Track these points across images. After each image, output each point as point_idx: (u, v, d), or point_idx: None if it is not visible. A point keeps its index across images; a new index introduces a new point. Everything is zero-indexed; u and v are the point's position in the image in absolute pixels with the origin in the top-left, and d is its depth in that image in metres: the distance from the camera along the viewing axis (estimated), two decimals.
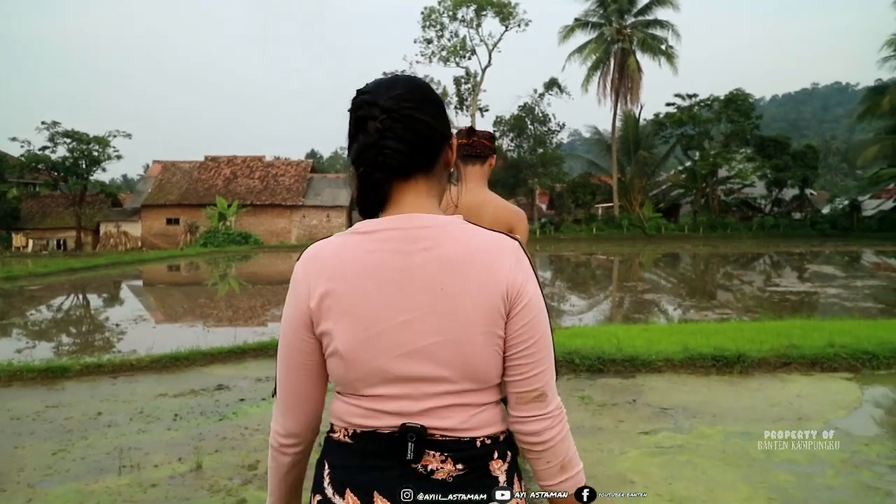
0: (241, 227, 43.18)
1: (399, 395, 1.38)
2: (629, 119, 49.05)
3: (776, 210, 50.02)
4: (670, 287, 19.89)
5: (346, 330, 1.38)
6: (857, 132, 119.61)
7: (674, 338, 8.68)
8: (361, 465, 1.40)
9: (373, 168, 1.39)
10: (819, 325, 9.72)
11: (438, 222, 1.40)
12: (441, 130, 1.45)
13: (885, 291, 17.03)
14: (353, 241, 1.41)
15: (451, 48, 45.22)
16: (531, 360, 1.41)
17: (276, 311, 14.77)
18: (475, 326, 1.36)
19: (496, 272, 1.38)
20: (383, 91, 1.40)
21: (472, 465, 1.39)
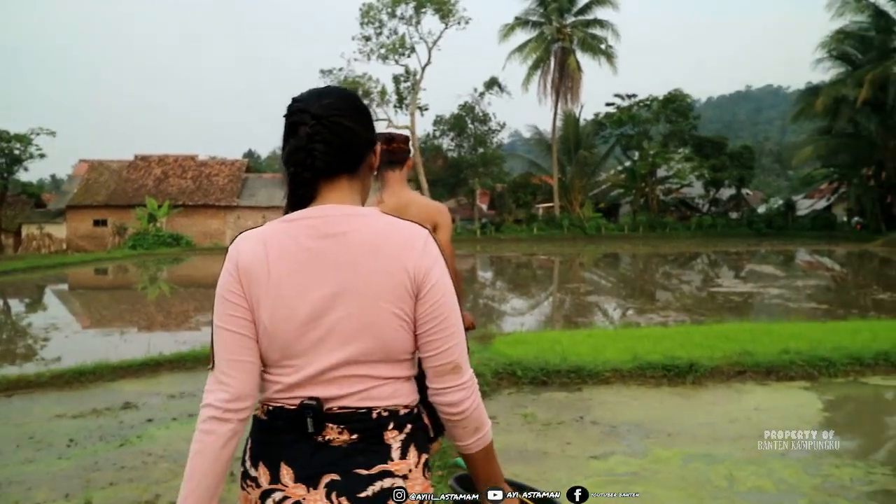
0: (173, 228, 41.68)
1: (307, 368, 1.51)
2: (569, 119, 48.94)
3: (713, 210, 50.58)
4: (613, 288, 19.53)
5: (266, 306, 1.51)
6: (789, 133, 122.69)
7: (620, 344, 8.17)
8: (272, 440, 1.54)
9: (302, 168, 1.54)
10: (768, 328, 9.31)
11: (356, 212, 1.56)
12: (366, 136, 1.61)
13: (824, 292, 16.93)
14: (279, 228, 1.56)
15: (390, 46, 44.36)
16: (443, 335, 1.54)
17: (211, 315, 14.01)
18: (383, 304, 1.50)
19: (405, 255, 1.51)
20: (315, 100, 1.56)
21: (366, 434, 1.51)
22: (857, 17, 39.70)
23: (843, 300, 15.21)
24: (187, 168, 45.82)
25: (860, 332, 8.68)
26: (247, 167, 47.45)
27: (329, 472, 1.50)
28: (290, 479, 1.51)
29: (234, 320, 1.54)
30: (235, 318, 1.54)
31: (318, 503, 1.49)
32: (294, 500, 1.50)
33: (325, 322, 1.49)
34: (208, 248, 40.45)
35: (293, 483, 1.50)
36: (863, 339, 8.03)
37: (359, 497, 1.49)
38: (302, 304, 1.49)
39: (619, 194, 52.33)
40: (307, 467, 1.50)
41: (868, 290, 16.94)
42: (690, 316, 12.56)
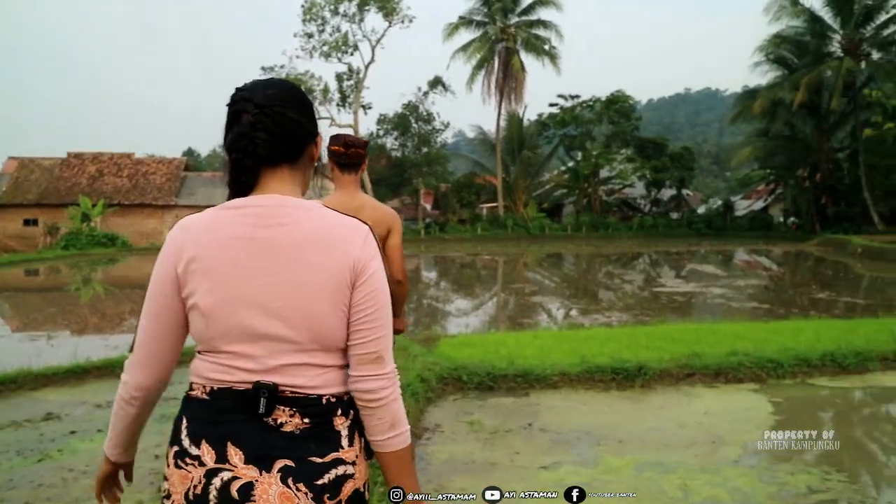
0: (108, 228, 40.37)
1: (253, 353, 1.53)
2: (513, 119, 49.00)
3: (655, 210, 51.23)
4: (557, 288, 19.48)
5: (207, 291, 1.54)
6: (727, 136, 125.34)
7: (566, 346, 8.02)
8: (216, 419, 1.53)
9: (243, 155, 1.58)
10: (714, 328, 9.27)
11: (298, 204, 1.59)
12: (307, 128, 1.65)
13: (765, 291, 17.11)
14: (220, 215, 1.59)
15: (333, 43, 43.73)
16: (372, 325, 1.59)
17: None
18: (324, 295, 1.54)
19: (346, 248, 1.56)
20: (259, 90, 1.60)
21: (316, 419, 1.55)
22: (793, 22, 40.62)
23: (784, 299, 15.39)
24: (123, 166, 44.48)
25: (803, 331, 8.69)
26: (185, 165, 46.26)
27: (282, 456, 1.52)
28: (239, 459, 1.51)
29: (163, 308, 1.60)
30: (165, 307, 1.60)
31: (273, 486, 1.50)
32: (245, 481, 1.50)
33: (267, 310, 1.53)
34: (145, 249, 39.30)
35: (243, 464, 1.51)
36: (807, 340, 8.02)
37: (316, 484, 1.53)
38: (244, 292, 1.53)
39: (563, 195, 52.61)
40: (258, 449, 1.51)
41: (806, 290, 17.19)
42: (635, 316, 12.50)
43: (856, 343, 7.47)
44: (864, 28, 39.02)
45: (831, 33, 40.11)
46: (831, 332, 8.52)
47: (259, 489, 1.50)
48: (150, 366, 1.63)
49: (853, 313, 12.03)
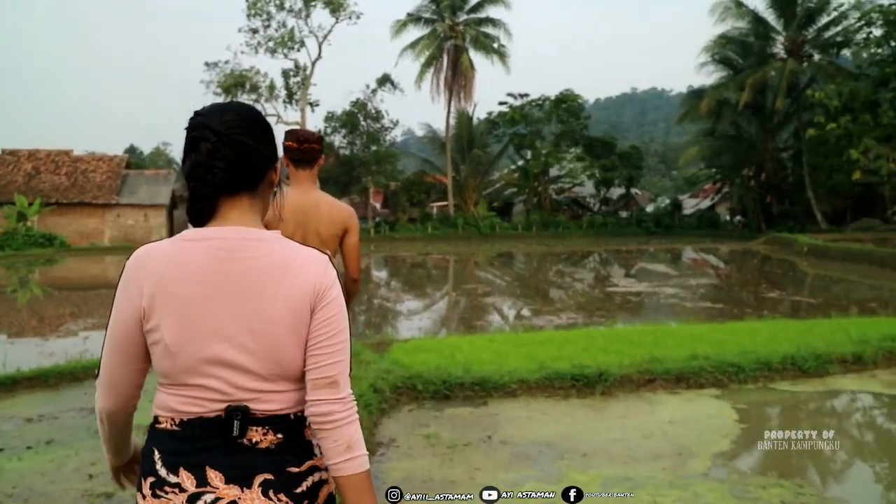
0: (46, 227, 39.02)
1: (219, 386, 1.54)
2: (463, 117, 48.80)
3: (604, 209, 51.58)
4: (510, 289, 19.29)
5: (172, 326, 1.53)
6: (673, 135, 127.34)
7: (523, 350, 7.78)
8: (191, 448, 1.55)
9: (202, 184, 1.57)
10: (671, 330, 9.14)
11: (260, 236, 1.60)
12: (266, 154, 1.64)
13: (717, 290, 17.16)
14: (182, 248, 1.57)
15: (279, 39, 42.93)
16: (329, 350, 1.59)
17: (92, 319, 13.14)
18: (285, 326, 1.56)
19: (306, 278, 1.58)
20: (217, 115, 1.58)
21: (288, 434, 1.60)
22: (738, 23, 41.22)
23: (736, 299, 15.41)
24: (61, 164, 43.00)
25: (759, 332, 8.60)
26: (127, 163, 44.96)
27: (261, 471, 1.56)
28: (220, 481, 1.55)
29: (125, 343, 1.59)
30: (126, 343, 1.59)
31: (256, 501, 1.55)
32: (228, 501, 1.54)
33: (234, 344, 1.55)
34: (85, 249, 38.12)
35: (224, 485, 1.55)
36: (763, 341, 7.93)
37: (295, 493, 1.59)
38: (210, 326, 1.54)
39: (513, 193, 52.63)
40: (237, 470, 1.55)
41: (756, 289, 17.29)
42: (590, 316, 12.36)
43: (814, 345, 7.38)
44: (806, 30, 39.76)
45: (775, 34, 40.81)
46: (787, 333, 8.45)
47: None
48: (114, 394, 1.65)
49: (805, 313, 12.05)
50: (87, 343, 10.76)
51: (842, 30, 38.61)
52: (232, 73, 43.22)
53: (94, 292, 20.34)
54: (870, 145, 32.32)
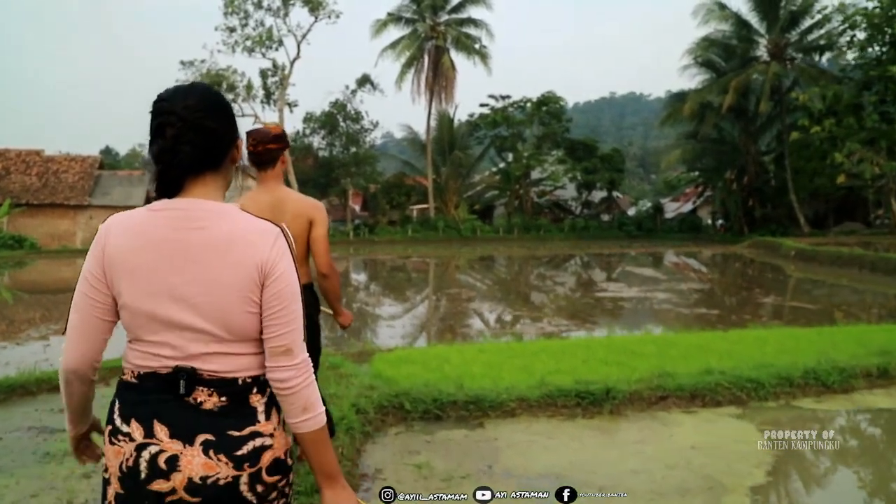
0: (15, 229, 37.91)
1: (173, 342, 1.67)
2: (444, 119, 48.15)
3: (586, 212, 51.15)
4: (496, 294, 18.66)
5: (129, 287, 1.67)
6: (651, 139, 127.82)
7: (518, 362, 7.14)
8: (144, 400, 1.68)
9: (169, 167, 1.69)
10: (673, 339, 8.55)
11: (216, 208, 1.71)
12: (229, 135, 1.77)
13: (709, 296, 16.61)
14: (144, 216, 1.71)
15: (257, 38, 42.04)
16: (280, 321, 1.70)
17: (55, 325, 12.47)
18: (234, 291, 1.67)
19: (255, 250, 1.68)
20: (180, 99, 1.69)
21: (233, 398, 1.70)
22: (721, 26, 40.99)
23: (731, 305, 14.86)
24: (32, 164, 41.83)
25: (767, 342, 8.06)
26: (100, 164, 43.84)
27: (203, 431, 1.66)
28: (164, 435, 1.66)
29: (89, 301, 1.73)
30: (91, 300, 1.73)
31: (196, 458, 1.65)
32: (171, 454, 1.65)
33: (184, 305, 1.67)
34: (56, 251, 37.04)
35: (168, 439, 1.66)
36: (773, 351, 7.40)
37: (235, 455, 1.67)
38: (162, 287, 1.67)
39: (494, 196, 52.04)
40: (181, 427, 1.66)
41: (751, 294, 16.75)
42: (582, 323, 11.78)
43: (834, 357, 6.80)
44: (789, 33, 39.59)
45: (758, 37, 40.61)
46: (799, 343, 7.90)
47: (184, 460, 1.65)
48: (77, 350, 1.75)
49: (807, 319, 11.51)
50: (47, 351, 10.08)
51: (825, 33, 38.45)
52: (208, 72, 42.28)
53: (64, 295, 19.53)
54: (854, 149, 32.09)
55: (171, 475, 1.65)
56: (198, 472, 1.65)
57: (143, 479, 1.67)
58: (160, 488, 1.66)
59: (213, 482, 1.66)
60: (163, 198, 1.72)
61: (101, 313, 1.73)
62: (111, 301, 1.72)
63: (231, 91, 42.42)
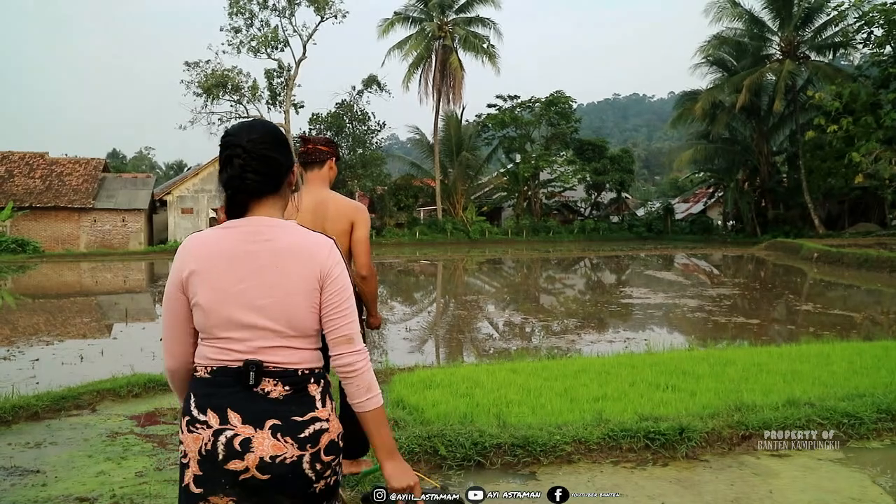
0: (18, 232, 37.33)
1: (242, 338, 1.94)
2: (451, 120, 47.45)
3: (595, 213, 50.40)
4: (513, 300, 17.91)
5: (205, 292, 1.95)
6: (655, 140, 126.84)
7: (557, 385, 6.41)
8: (217, 392, 1.92)
9: (236, 192, 1.99)
10: (725, 356, 7.80)
11: (278, 224, 2.01)
12: (286, 163, 2.06)
13: (743, 302, 15.80)
14: (220, 233, 2.01)
15: (262, 38, 41.43)
16: (339, 315, 1.99)
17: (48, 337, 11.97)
18: (297, 294, 1.96)
19: (314, 258, 1.98)
20: (244, 134, 1.99)
21: (295, 387, 1.95)
22: (733, 24, 40.27)
23: (768, 313, 14.05)
24: (35, 166, 41.29)
25: (832, 359, 7.34)
26: (104, 166, 43.23)
27: (271, 417, 1.90)
28: (238, 421, 1.89)
29: (174, 310, 2.04)
30: (175, 309, 2.03)
31: (266, 440, 1.88)
32: (244, 437, 1.88)
33: (253, 304, 1.94)
34: (59, 255, 36.41)
35: (241, 424, 1.89)
36: (843, 371, 6.70)
37: (299, 437, 1.91)
38: (235, 292, 1.94)
39: (502, 197, 51.30)
40: (252, 413, 1.89)
41: (785, 300, 15.95)
42: (615, 335, 11.05)
43: None
44: (803, 30, 38.85)
45: (770, 35, 39.90)
46: (864, 360, 7.19)
47: (255, 442, 1.88)
48: (173, 355, 2.09)
49: (858, 331, 10.76)
50: (35, 368, 9.38)
51: (840, 30, 37.70)
52: (213, 73, 41.66)
53: (70, 300, 18.87)
54: (872, 148, 31.34)
55: (245, 455, 1.87)
56: (268, 453, 1.88)
57: (221, 460, 1.88)
58: (235, 467, 1.88)
59: (280, 461, 1.88)
60: (231, 218, 2.01)
61: (185, 316, 2.02)
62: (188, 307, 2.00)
63: (236, 92, 41.82)
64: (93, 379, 7.52)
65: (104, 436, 5.63)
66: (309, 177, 3.74)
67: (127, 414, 6.37)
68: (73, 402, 6.74)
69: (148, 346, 11.30)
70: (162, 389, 7.11)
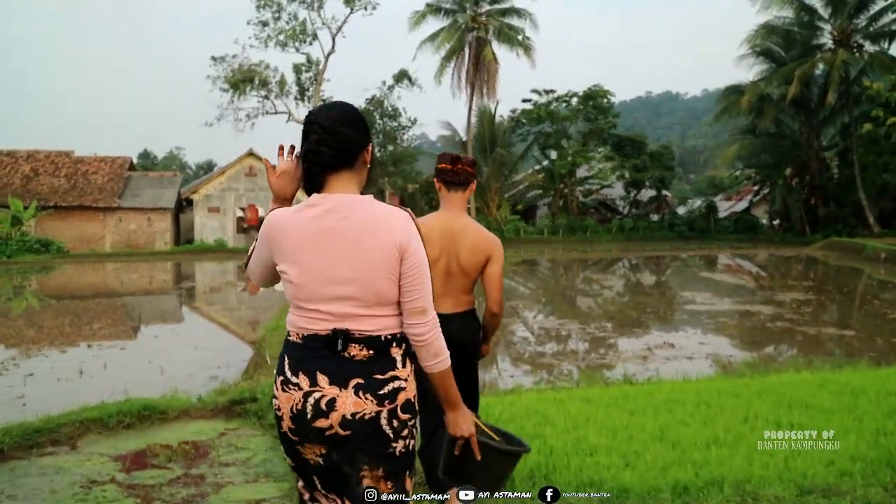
0: (44, 232, 36.52)
1: (329, 309, 2.11)
2: (485, 115, 45.84)
3: (634, 212, 48.62)
4: (560, 305, 16.48)
5: (293, 268, 2.14)
6: (688, 138, 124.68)
7: (648, 423, 5.11)
8: (309, 356, 2.13)
9: (312, 164, 2.17)
10: (853, 383, 6.36)
11: (356, 199, 2.16)
12: (360, 141, 2.20)
13: (823, 310, 14.05)
14: (300, 210, 2.17)
15: (290, 32, 40.25)
16: (415, 287, 2.12)
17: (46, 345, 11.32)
18: (378, 266, 2.09)
19: (392, 232, 2.10)
20: (324, 113, 2.19)
21: (378, 350, 2.12)
22: (782, 12, 38.39)
23: (861, 323, 12.17)
24: (61, 165, 40.48)
25: None
26: (130, 164, 42.35)
27: (355, 377, 2.09)
28: (325, 382, 2.10)
29: (262, 262, 2.29)
30: (263, 263, 2.28)
31: (349, 398, 2.08)
32: (330, 397, 2.09)
33: (338, 278, 2.11)
34: (84, 255, 35.59)
35: (328, 385, 2.10)
36: None
37: (378, 394, 2.09)
38: (320, 265, 2.12)
39: (537, 195, 49.62)
40: (338, 374, 2.10)
41: (871, 307, 14.16)
42: (687, 344, 9.58)
43: None
44: (856, 18, 36.89)
45: (822, 24, 37.94)
46: None
47: (339, 401, 2.09)
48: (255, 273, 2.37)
49: None
50: (27, 385, 8.31)
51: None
52: (240, 67, 40.64)
53: (93, 301, 17.85)
54: None
55: (330, 414, 2.09)
56: (349, 410, 2.08)
57: (309, 419, 2.11)
58: (321, 425, 2.10)
59: (360, 417, 2.08)
60: (310, 191, 2.21)
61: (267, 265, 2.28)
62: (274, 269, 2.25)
63: (263, 87, 40.75)
64: (87, 400, 6.44)
65: (78, 485, 4.50)
66: (450, 198, 3.56)
67: (112, 453, 5.22)
68: (49, 436, 5.62)
69: (157, 358, 10.17)
70: (159, 419, 6.06)
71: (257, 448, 5.40)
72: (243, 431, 5.82)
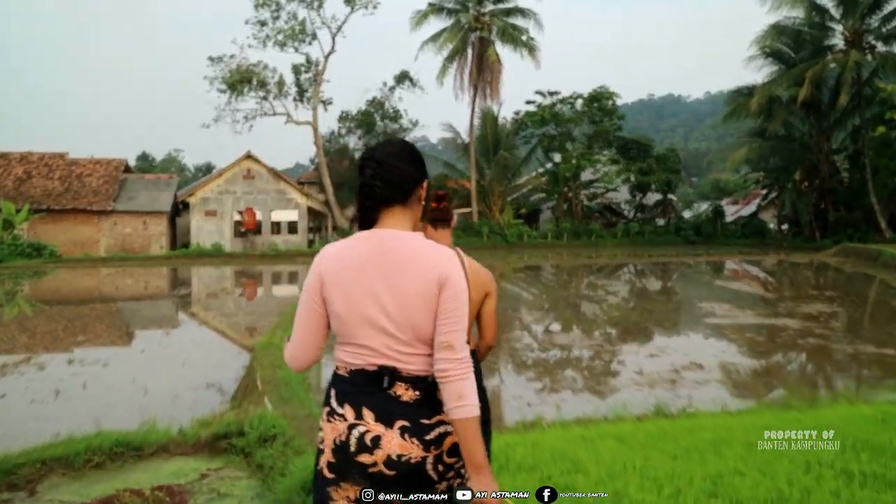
0: (37, 236, 35.74)
1: (375, 346, 2.09)
2: (488, 117, 44.98)
3: (640, 216, 47.73)
4: (572, 317, 15.68)
5: (339, 300, 2.12)
6: (691, 141, 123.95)
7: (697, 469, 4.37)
8: (356, 390, 2.10)
9: (366, 199, 2.17)
10: None
11: (403, 234, 2.15)
12: (415, 176, 2.20)
13: (858, 325, 13.16)
14: (349, 244, 2.18)
15: (289, 31, 39.49)
16: (449, 320, 2.06)
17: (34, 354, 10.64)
18: (420, 300, 2.06)
19: (434, 266, 2.07)
20: (381, 148, 2.21)
21: (425, 392, 2.09)
22: (792, 12, 37.59)
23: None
24: (55, 167, 39.65)
25: None
26: (125, 167, 41.51)
27: (401, 418, 2.05)
28: (371, 418, 2.06)
29: (310, 312, 2.20)
30: (312, 312, 2.20)
31: (395, 439, 2.03)
32: (375, 434, 2.04)
33: (379, 311, 2.08)
34: (78, 259, 34.81)
35: (374, 422, 2.06)
36: None
37: (425, 439, 2.06)
38: (365, 300, 2.09)
39: (540, 199, 48.70)
40: (385, 413, 2.05)
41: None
42: (719, 369, 8.78)
43: None
44: (869, 18, 36.10)
45: (834, 24, 37.14)
46: None
47: (385, 440, 2.05)
48: (298, 352, 2.27)
49: None
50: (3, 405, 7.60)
51: None
52: (238, 68, 39.86)
53: (89, 307, 17.09)
54: None
55: (375, 451, 2.05)
56: (395, 451, 2.04)
57: (352, 452, 2.08)
58: (365, 460, 2.07)
59: (406, 460, 2.05)
60: (363, 225, 2.19)
61: (320, 321, 2.20)
62: (326, 313, 2.18)
63: (262, 88, 39.98)
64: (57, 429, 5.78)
65: None
66: (438, 237, 3.42)
67: (74, 501, 4.46)
68: (4, 479, 4.91)
69: (142, 376, 9.40)
70: (132, 457, 5.35)
71: (242, 495, 4.68)
72: (227, 472, 5.10)
